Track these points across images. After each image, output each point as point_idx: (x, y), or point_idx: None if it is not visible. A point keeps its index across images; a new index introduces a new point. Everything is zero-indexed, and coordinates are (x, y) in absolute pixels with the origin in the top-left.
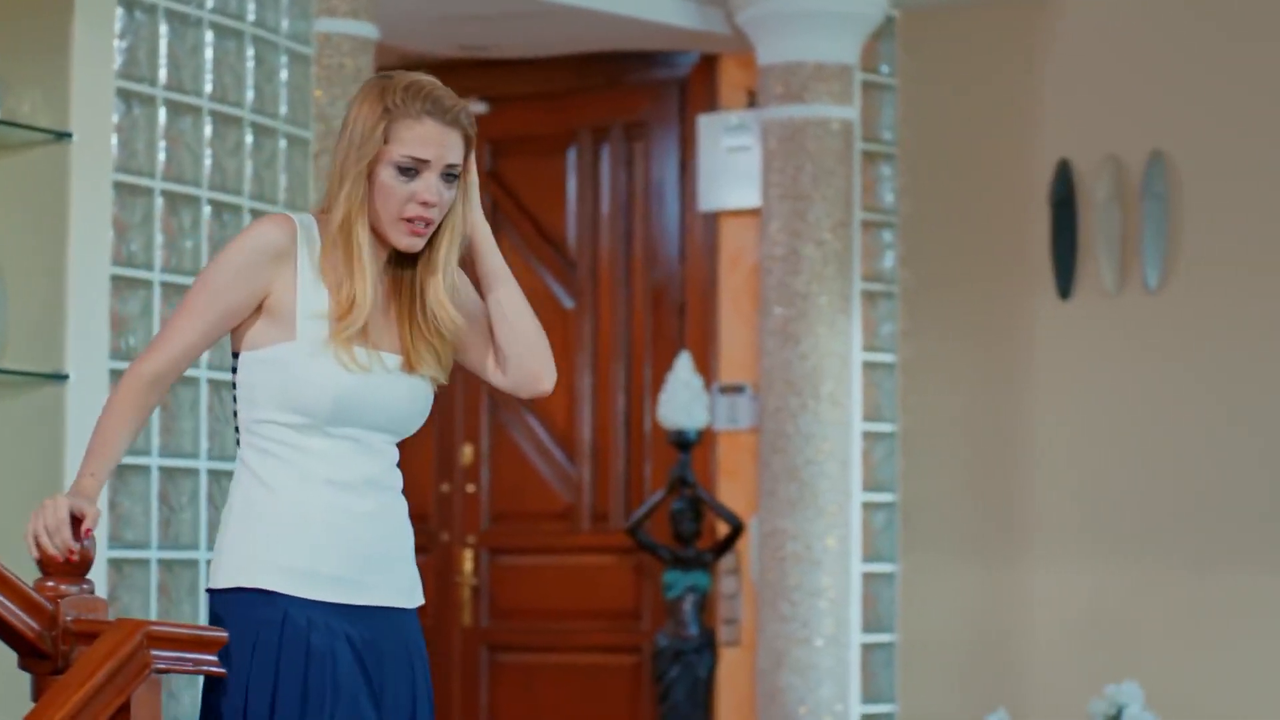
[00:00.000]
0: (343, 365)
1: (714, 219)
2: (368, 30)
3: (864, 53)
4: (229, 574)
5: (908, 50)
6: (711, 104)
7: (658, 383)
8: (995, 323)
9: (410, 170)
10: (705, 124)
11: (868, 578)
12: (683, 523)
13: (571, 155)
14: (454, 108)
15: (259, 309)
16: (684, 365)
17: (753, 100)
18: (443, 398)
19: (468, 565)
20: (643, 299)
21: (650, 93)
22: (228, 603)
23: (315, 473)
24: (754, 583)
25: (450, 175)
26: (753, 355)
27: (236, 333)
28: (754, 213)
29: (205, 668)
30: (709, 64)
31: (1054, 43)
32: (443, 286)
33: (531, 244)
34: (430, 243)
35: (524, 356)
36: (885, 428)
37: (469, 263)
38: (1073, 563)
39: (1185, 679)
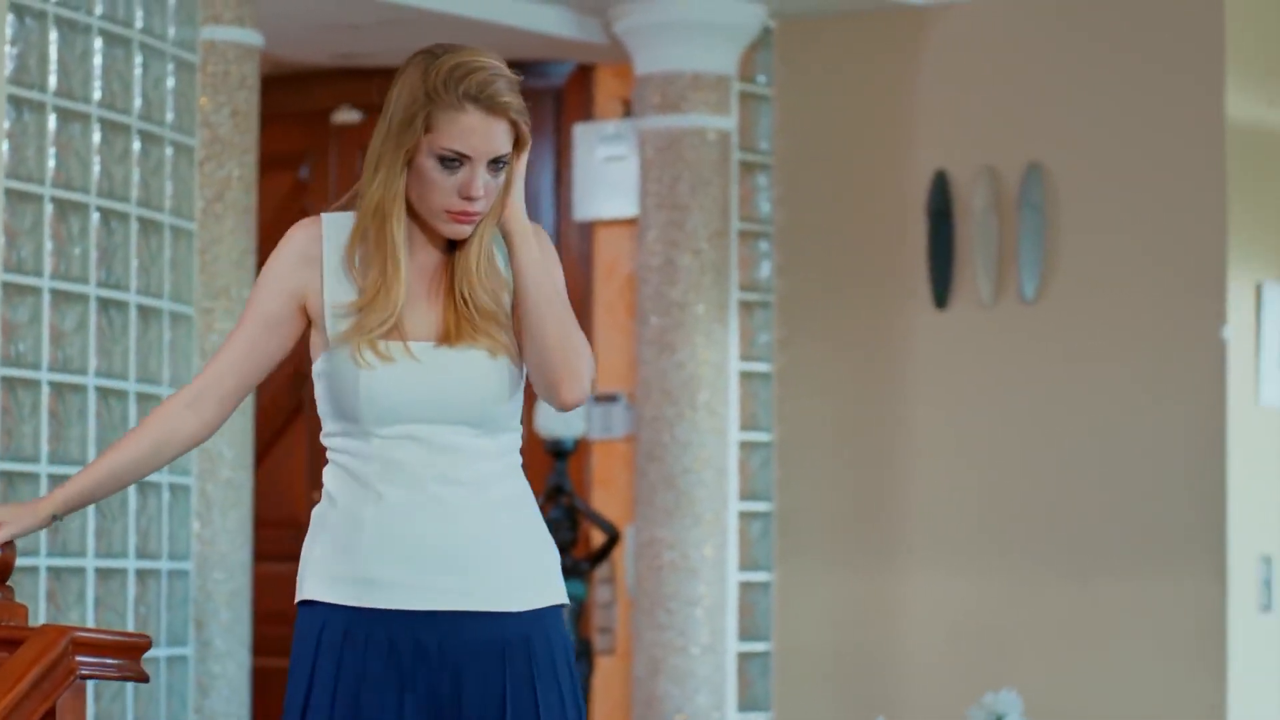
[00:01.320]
0: (367, 363)
1: (589, 228)
2: (252, 38)
3: (741, 63)
4: (298, 589)
5: (785, 61)
6: (587, 113)
7: (532, 391)
8: (871, 333)
9: (453, 162)
10: (581, 133)
11: (744, 586)
12: (559, 532)
13: None
14: (501, 95)
15: (309, 320)
16: None
17: (628, 110)
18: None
19: None
20: None
21: (526, 100)
22: (297, 618)
23: (371, 476)
24: (630, 591)
25: (499, 162)
26: (628, 364)
27: (304, 339)
28: (629, 222)
29: (129, 673)
30: (584, 74)
31: (930, 54)
32: (472, 264)
33: None
34: None
35: (544, 363)
36: (762, 437)
37: None
38: (949, 571)
39: (1063, 686)
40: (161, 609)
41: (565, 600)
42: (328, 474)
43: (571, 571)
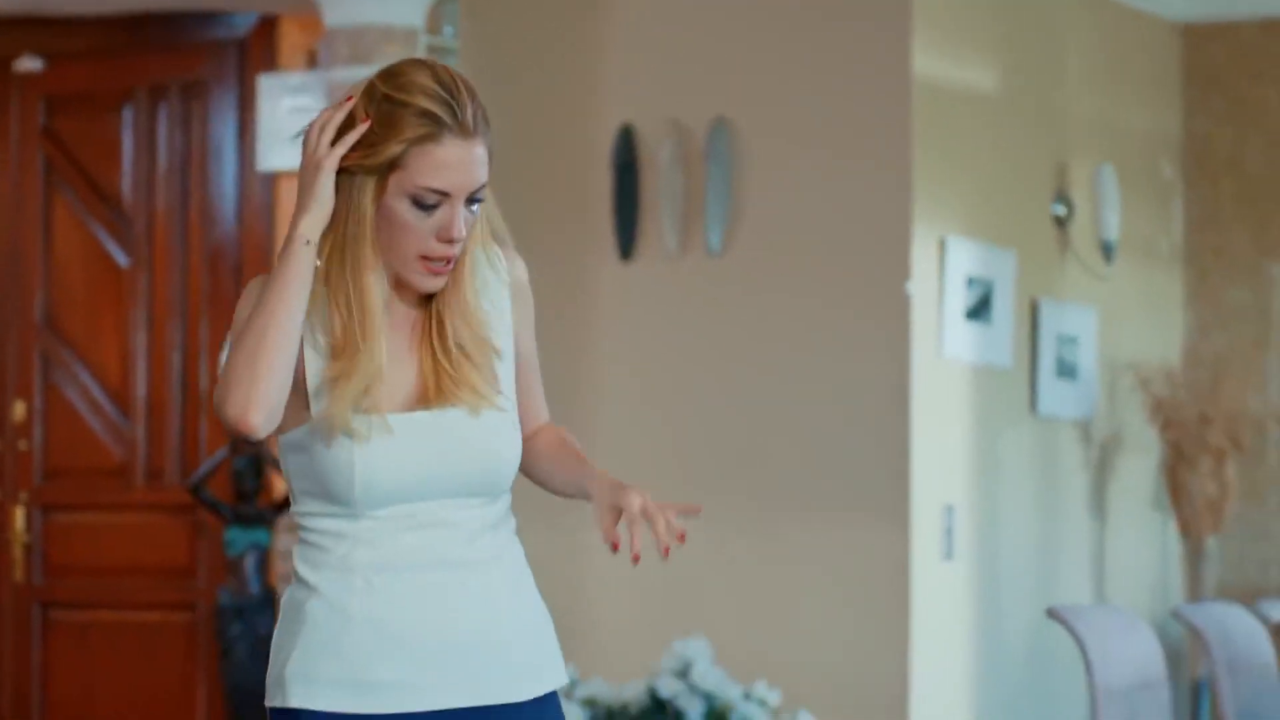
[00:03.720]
0: (363, 436)
1: (272, 180)
2: None
3: (429, 16)
4: (271, 692)
5: (471, 14)
6: (271, 65)
7: (215, 341)
8: (558, 284)
9: (429, 205)
10: (266, 85)
11: None
12: (244, 480)
13: (128, 114)
14: (474, 114)
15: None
16: None
17: (313, 61)
18: None
19: (20, 522)
20: (200, 258)
21: (209, 52)
22: None
23: (358, 562)
24: None
25: (476, 198)
26: None
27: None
28: None
29: None
30: (268, 25)
31: (617, 8)
32: (463, 300)
33: (87, 202)
34: None
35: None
36: None
37: None
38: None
39: (752, 634)
40: None
41: (565, 680)
42: (302, 556)
43: (257, 520)
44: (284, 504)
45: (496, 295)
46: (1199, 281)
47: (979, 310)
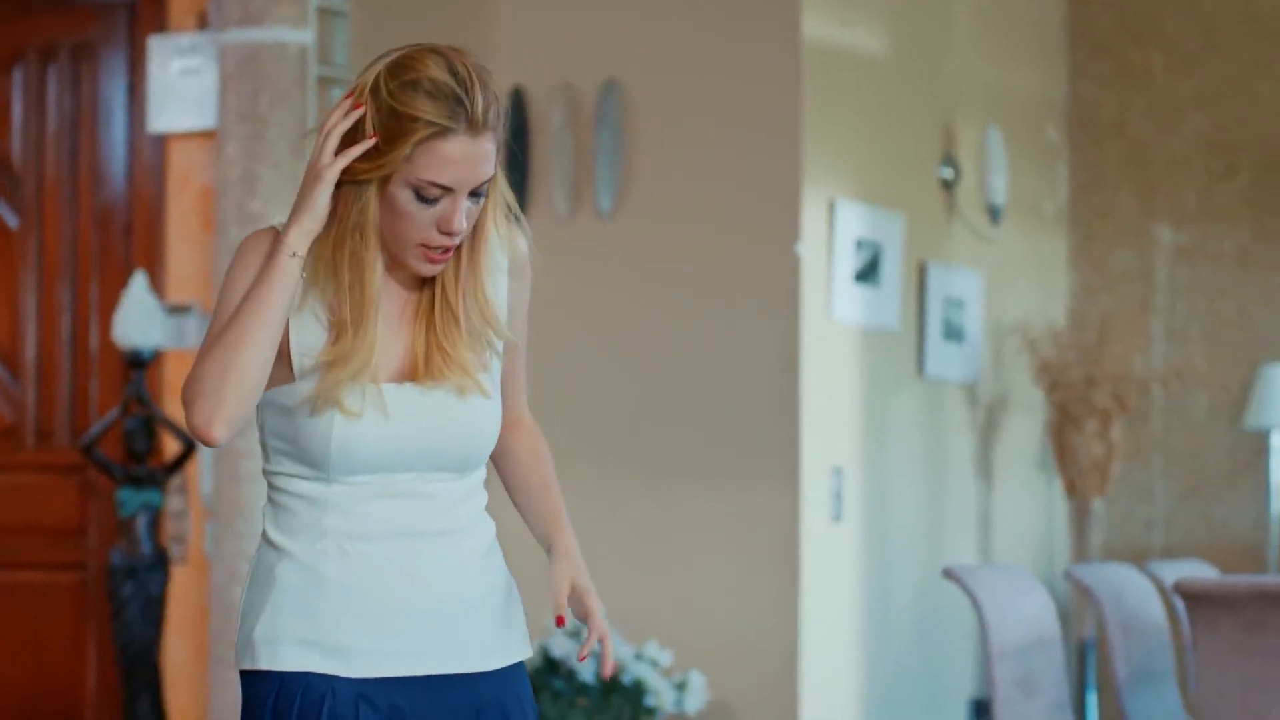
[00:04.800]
0: (348, 410)
1: (162, 141)
2: None
3: None
4: (240, 654)
5: None
6: (161, 26)
7: (105, 302)
8: None
9: (431, 199)
10: (156, 46)
11: None
12: (136, 441)
13: (18, 75)
14: (485, 110)
15: None
16: (139, 285)
17: (203, 22)
18: None
19: None
20: (90, 219)
21: (98, 14)
22: (244, 686)
23: (332, 527)
24: (206, 501)
25: (482, 186)
26: (202, 277)
27: None
28: (205, 135)
29: None
30: None
31: None
32: (478, 283)
33: None
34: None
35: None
36: None
37: None
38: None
39: (642, 596)
40: None
41: (530, 653)
42: (273, 516)
43: (148, 481)
44: (175, 465)
45: (500, 277)
46: (1084, 244)
47: (867, 273)
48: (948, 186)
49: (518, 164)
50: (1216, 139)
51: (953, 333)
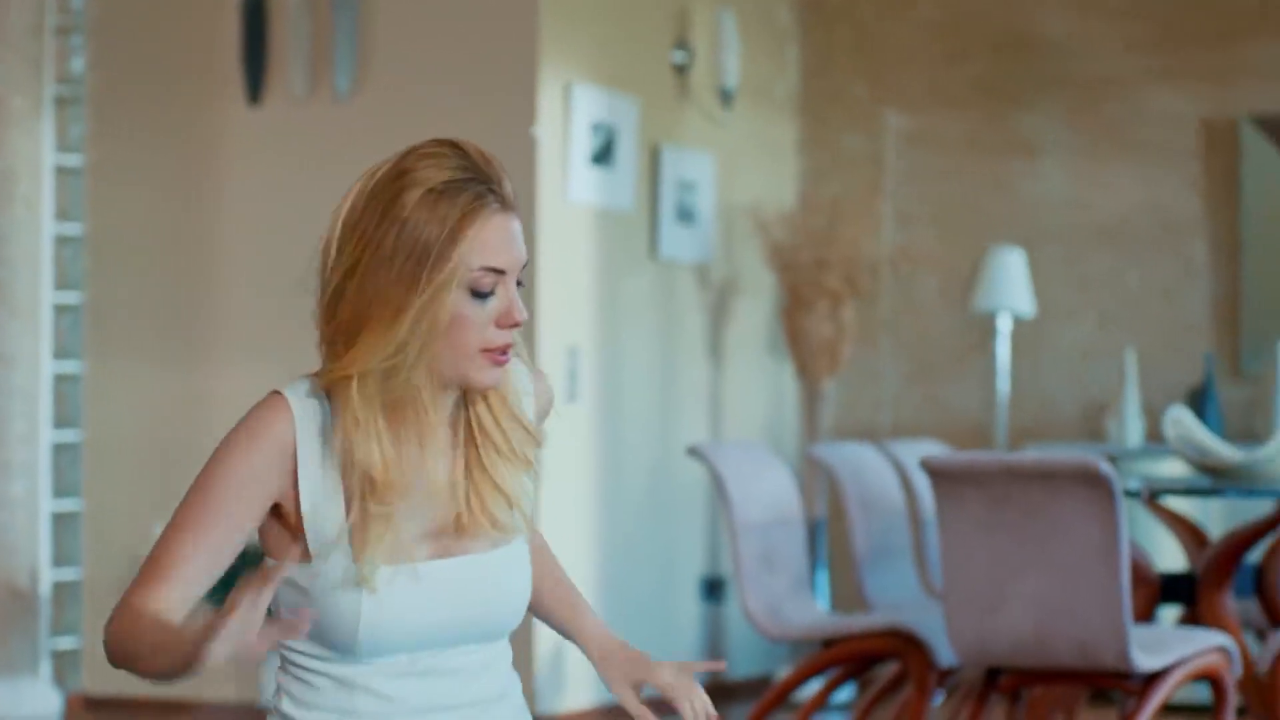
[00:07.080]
0: (373, 587)
1: None
2: None
3: None
4: None
5: None
6: None
7: None
8: (184, 128)
9: (486, 292)
10: None
11: (58, 378)
12: None
13: None
14: (504, 180)
15: (276, 512)
16: None
17: None
18: None
19: None
20: None
21: None
22: None
23: (359, 709)
24: None
25: (519, 281)
26: None
27: (261, 532)
28: None
29: None
30: None
31: None
32: (517, 403)
33: None
34: None
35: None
36: (74, 229)
37: None
38: (261, 366)
39: None
40: None
41: None
42: (293, 693)
43: None
44: None
45: (526, 400)
46: (815, 128)
47: (603, 155)
48: (681, 70)
49: (255, 45)
50: (945, 25)
51: (685, 215)
